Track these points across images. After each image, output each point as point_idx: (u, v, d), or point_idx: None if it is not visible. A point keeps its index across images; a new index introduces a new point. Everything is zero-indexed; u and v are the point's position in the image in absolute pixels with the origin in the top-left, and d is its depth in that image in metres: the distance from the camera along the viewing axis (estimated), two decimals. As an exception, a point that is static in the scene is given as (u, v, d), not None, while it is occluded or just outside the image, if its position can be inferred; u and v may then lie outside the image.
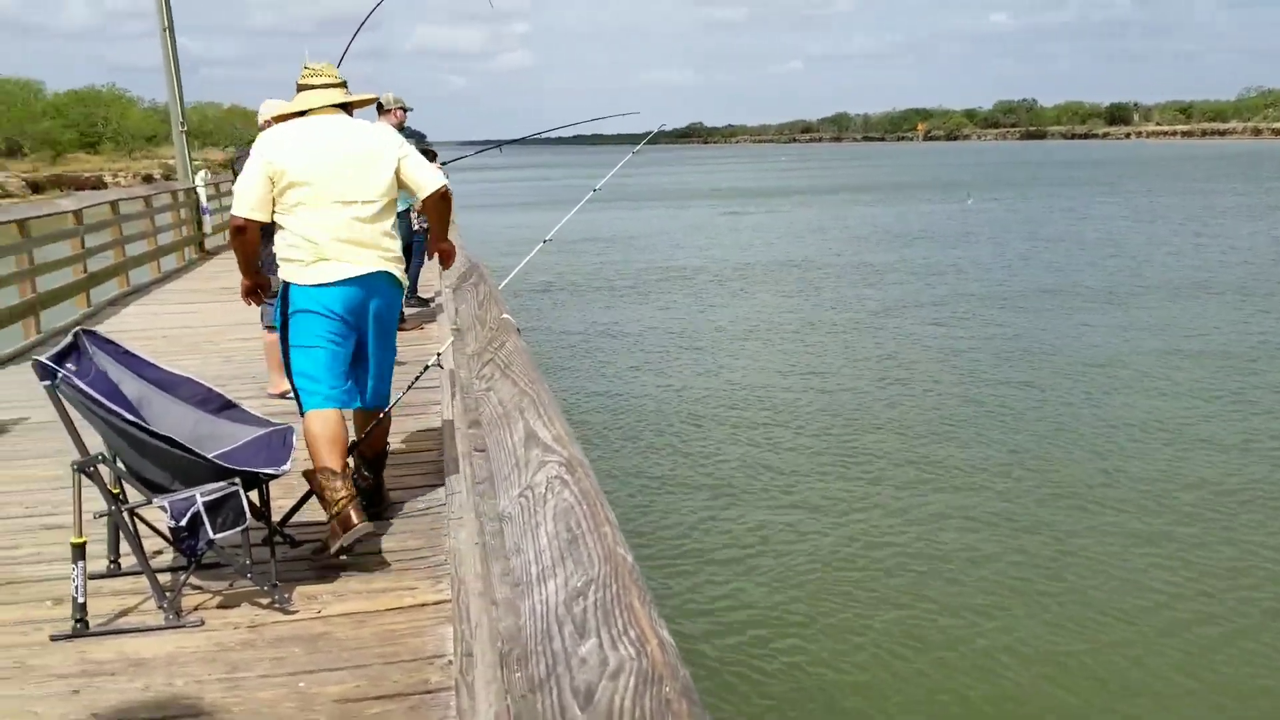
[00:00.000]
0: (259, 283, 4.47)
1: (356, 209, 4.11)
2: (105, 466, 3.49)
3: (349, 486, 3.90)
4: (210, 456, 3.54)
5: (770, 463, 8.21)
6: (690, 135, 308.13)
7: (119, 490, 3.66)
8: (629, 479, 7.85)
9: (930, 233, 26.16)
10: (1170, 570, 6.09)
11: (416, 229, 9.36)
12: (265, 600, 3.65)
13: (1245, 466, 7.82)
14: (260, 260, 4.51)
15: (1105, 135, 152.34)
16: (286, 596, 3.66)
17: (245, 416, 4.00)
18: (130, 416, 3.42)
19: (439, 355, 4.87)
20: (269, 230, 4.26)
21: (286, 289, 4.15)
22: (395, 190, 4.25)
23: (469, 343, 3.88)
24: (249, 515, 3.56)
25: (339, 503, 3.84)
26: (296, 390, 4.12)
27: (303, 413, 4.06)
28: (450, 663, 3.12)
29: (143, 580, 3.62)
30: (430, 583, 3.77)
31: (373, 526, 3.93)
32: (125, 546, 3.63)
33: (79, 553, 3.37)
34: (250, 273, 4.40)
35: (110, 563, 3.90)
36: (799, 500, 7.36)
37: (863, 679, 5.07)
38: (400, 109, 8.63)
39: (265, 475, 3.60)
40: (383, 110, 8.75)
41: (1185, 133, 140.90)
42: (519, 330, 3.56)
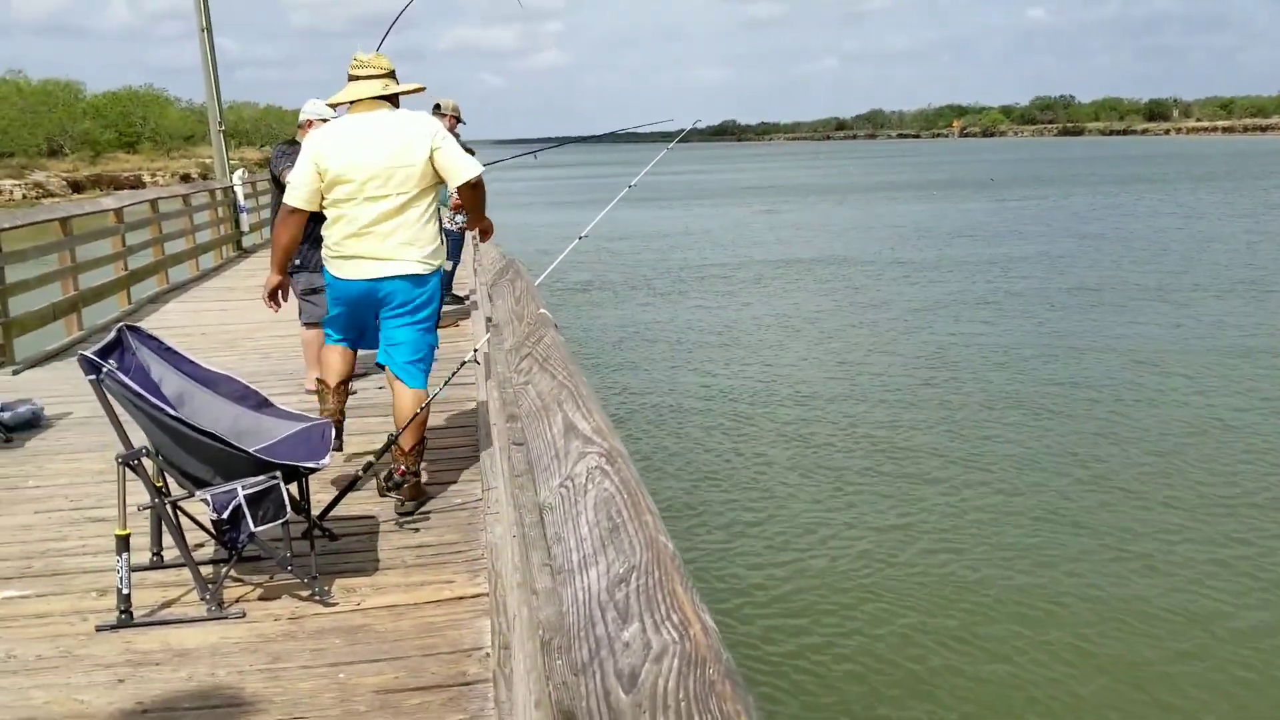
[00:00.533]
0: (283, 283, 4.73)
1: (389, 202, 4.34)
2: (149, 460, 3.54)
3: (333, 404, 4.68)
4: (251, 451, 3.58)
5: (816, 458, 8.18)
6: (724, 133, 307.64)
7: (162, 483, 3.72)
8: (675, 472, 7.86)
9: (972, 230, 25.92)
10: (1233, 576, 5.94)
11: (448, 226, 9.42)
12: (305, 592, 3.69)
13: None
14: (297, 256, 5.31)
15: (1144, 131, 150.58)
16: (326, 589, 3.70)
17: (284, 413, 4.06)
18: (172, 411, 3.46)
19: (475, 350, 4.91)
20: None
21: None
22: (430, 178, 4.42)
23: (506, 337, 3.91)
24: (289, 508, 3.61)
25: (322, 412, 4.68)
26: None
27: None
28: (488, 655, 3.15)
29: (185, 572, 3.67)
30: (468, 576, 3.80)
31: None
32: (169, 539, 3.68)
33: (123, 545, 3.42)
34: (281, 267, 4.68)
35: (154, 555, 3.95)
36: (844, 495, 7.33)
37: (904, 673, 5.05)
38: (455, 118, 8.91)
39: (305, 469, 3.64)
40: (438, 112, 8.98)
41: (1226, 129, 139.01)
42: (556, 325, 3.58)
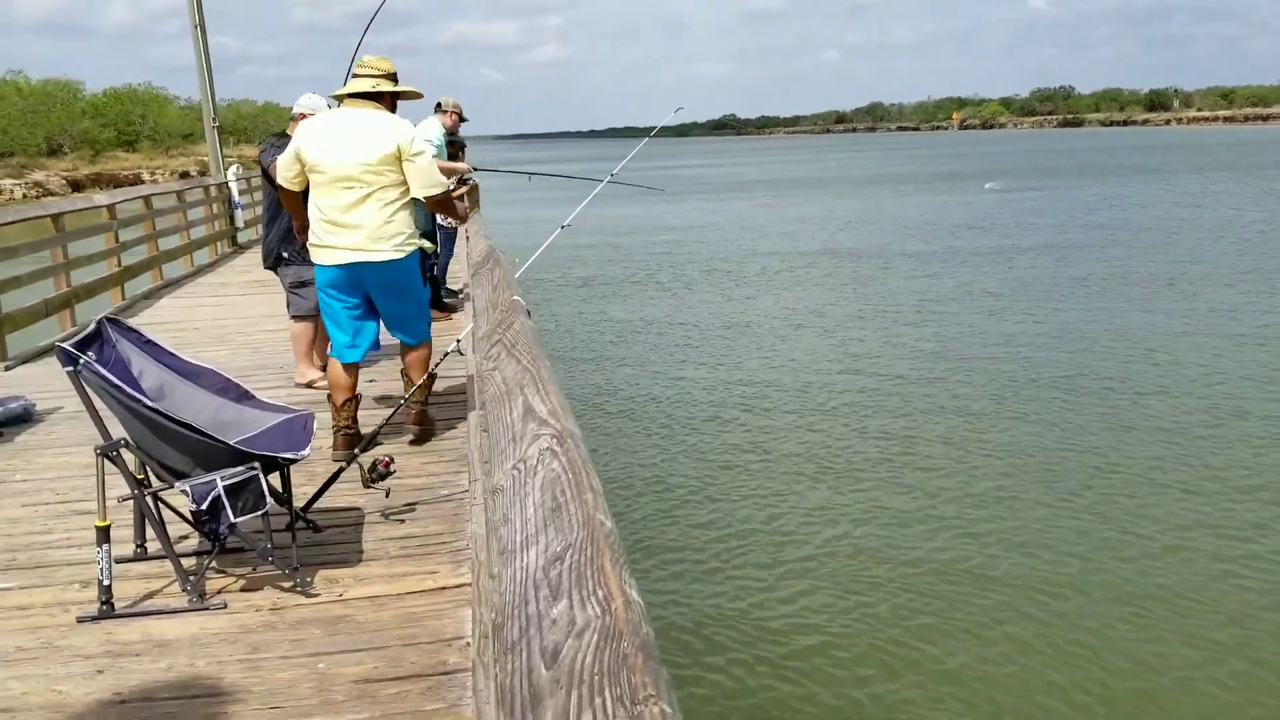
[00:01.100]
0: (304, 223, 5.22)
1: (354, 193, 4.77)
2: (129, 451, 3.54)
3: (343, 419, 5.06)
4: (232, 442, 3.58)
5: (823, 447, 8.16)
6: (724, 127, 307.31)
7: (143, 475, 3.72)
8: (678, 462, 7.85)
9: (976, 222, 25.83)
10: (1243, 563, 5.90)
11: (441, 222, 9.43)
12: (287, 584, 3.69)
13: None
14: (276, 240, 6.51)
15: (1144, 122, 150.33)
16: (308, 580, 3.70)
17: (265, 405, 4.06)
18: (150, 402, 3.46)
19: (458, 342, 4.93)
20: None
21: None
22: (393, 178, 4.81)
23: (481, 326, 3.91)
24: (270, 500, 3.61)
25: (334, 428, 5.09)
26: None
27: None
28: (468, 644, 3.15)
29: (168, 564, 3.67)
30: (451, 567, 3.80)
31: (344, 460, 4.59)
32: (152, 531, 3.68)
33: (103, 536, 3.43)
34: (301, 222, 5.26)
35: (137, 547, 3.96)
36: (852, 483, 7.30)
37: (901, 658, 5.04)
38: (456, 114, 9.14)
39: (284, 460, 3.64)
40: (439, 111, 9.10)
41: (1227, 118, 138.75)
42: (529, 312, 3.59)
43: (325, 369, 7.04)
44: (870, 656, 5.03)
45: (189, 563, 3.80)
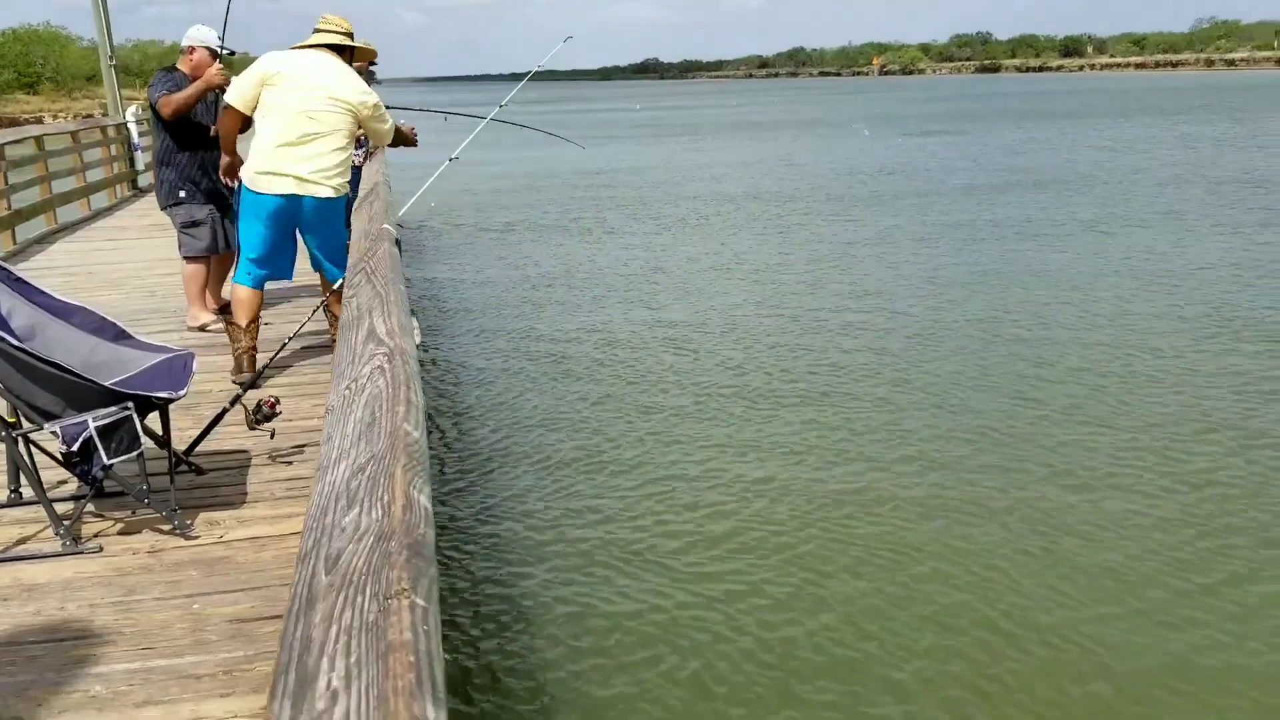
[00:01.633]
0: (235, 163, 5.58)
1: (313, 127, 5.08)
2: (-3, 394, 3.42)
3: (248, 340, 5.23)
4: (106, 383, 3.47)
5: (733, 385, 8.18)
6: (647, 71, 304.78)
7: (15, 419, 3.60)
8: (587, 406, 7.80)
9: (899, 166, 25.83)
10: (1160, 492, 6.00)
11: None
12: (167, 527, 3.62)
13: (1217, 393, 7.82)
14: (169, 179, 6.42)
15: (1059, 68, 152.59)
16: (189, 523, 3.63)
17: (143, 344, 3.94)
18: (16, 342, 3.34)
19: (340, 282, 4.86)
20: (177, 139, 6.33)
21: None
22: (352, 128, 5.24)
23: (352, 255, 3.84)
24: (148, 441, 3.52)
25: (235, 352, 5.25)
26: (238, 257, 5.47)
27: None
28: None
29: (43, 509, 3.57)
30: (338, 506, 3.75)
31: (248, 379, 4.80)
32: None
33: (-31, 481, 3.32)
34: (230, 150, 5.61)
35: (11, 492, 3.84)
36: (759, 421, 7.35)
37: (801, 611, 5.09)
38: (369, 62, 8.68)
39: (160, 399, 3.55)
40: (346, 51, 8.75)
41: (1139, 65, 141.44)
42: (397, 240, 3.53)
43: (219, 311, 6.89)
44: (775, 591, 5.08)
45: (65, 507, 3.70)
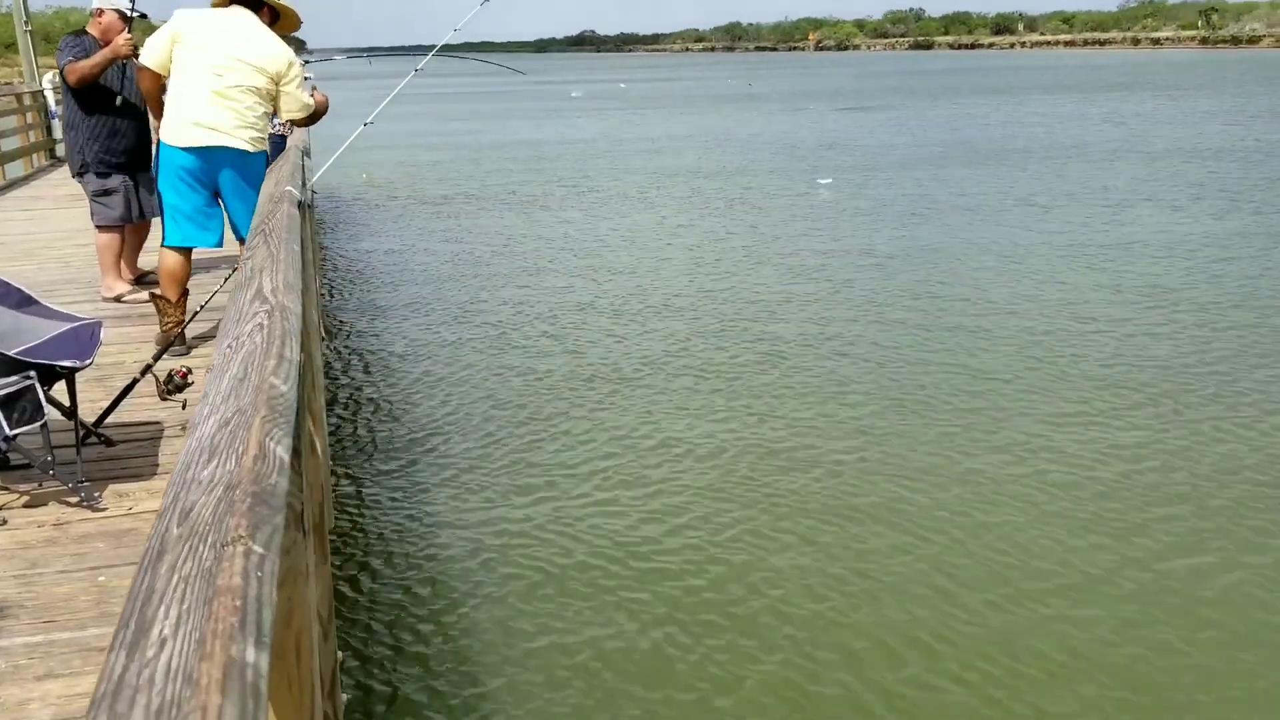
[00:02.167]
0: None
1: (228, 81, 5.01)
2: (-111, 363, 3.32)
3: (177, 315, 5.08)
4: (9, 352, 3.38)
5: (670, 357, 8.19)
6: (583, 43, 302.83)
7: (-88, 389, 3.49)
8: (518, 382, 7.76)
9: (838, 141, 25.90)
10: (1104, 455, 6.12)
11: (272, 130, 9.09)
12: (74, 499, 3.54)
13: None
14: (84, 146, 6.28)
15: (991, 45, 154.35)
16: (96, 495, 3.56)
17: (50, 311, 3.84)
18: (-90, 309, 3.24)
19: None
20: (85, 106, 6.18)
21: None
22: (264, 86, 5.11)
23: (254, 219, 3.79)
24: (54, 411, 3.44)
25: (164, 325, 5.12)
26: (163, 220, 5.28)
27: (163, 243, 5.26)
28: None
29: (-57, 482, 3.48)
30: (252, 477, 3.70)
31: (160, 351, 4.61)
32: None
33: None
34: (157, 114, 5.41)
35: (-89, 466, 3.73)
36: (681, 401, 7.38)
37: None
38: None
39: (64, 369, 3.46)
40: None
41: (1068, 42, 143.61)
42: (301, 202, 3.48)
43: (135, 281, 6.74)
44: (711, 560, 5.11)
45: (-34, 480, 3.60)
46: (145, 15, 6.42)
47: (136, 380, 4.07)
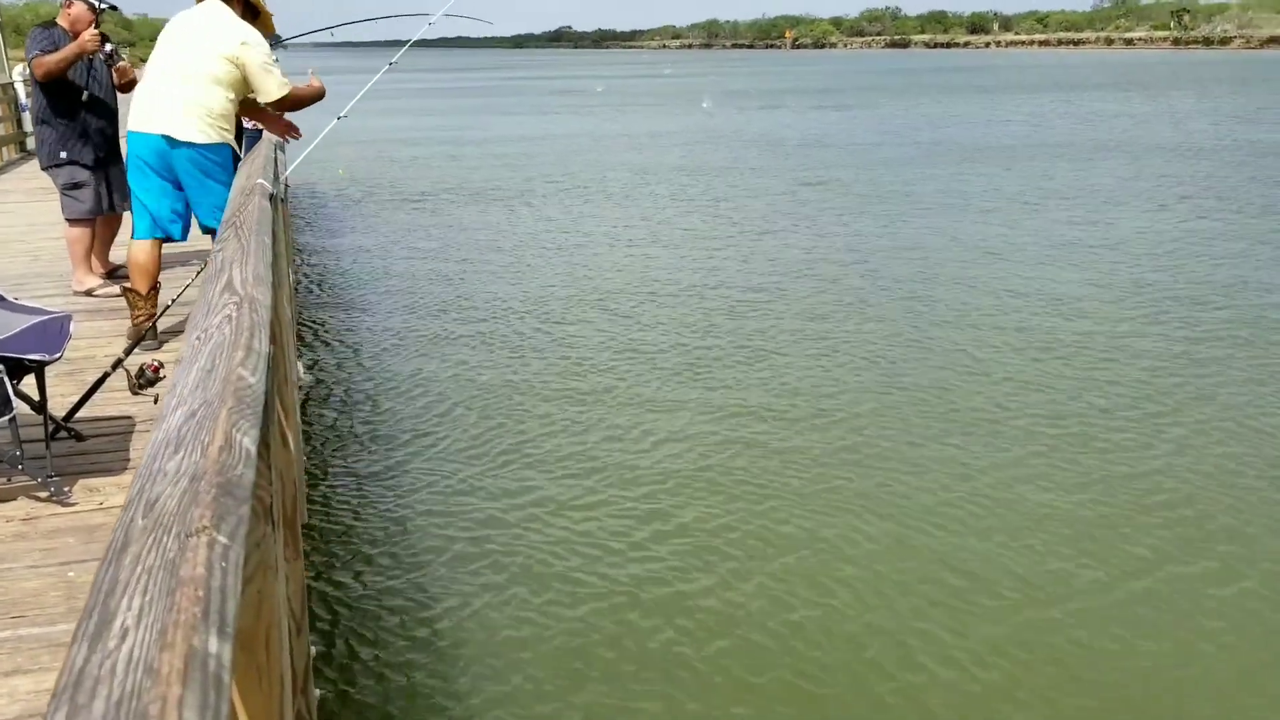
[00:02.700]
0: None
1: (183, 70, 5.06)
2: None
3: (147, 309, 5.07)
4: (-24, 346, 3.35)
5: (653, 350, 8.20)
6: (561, 39, 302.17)
7: (-123, 383, 3.45)
8: (503, 375, 7.74)
9: (821, 139, 25.86)
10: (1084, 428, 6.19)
11: (246, 125, 9.04)
12: (44, 493, 3.51)
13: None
14: (49, 140, 6.26)
15: (966, 44, 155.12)
16: (67, 489, 3.53)
17: (17, 306, 3.80)
18: (-125, 302, 3.20)
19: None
20: (53, 99, 6.14)
21: None
22: (227, 74, 5.08)
23: (226, 212, 3.77)
24: (24, 406, 3.41)
25: (136, 319, 5.10)
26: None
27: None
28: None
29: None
30: (224, 472, 3.68)
31: (130, 345, 4.57)
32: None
33: None
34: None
35: (-123, 461, 3.69)
36: (680, 384, 7.37)
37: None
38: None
39: (32, 362, 3.43)
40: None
41: (1042, 42, 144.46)
42: (273, 195, 3.46)
43: (107, 275, 6.68)
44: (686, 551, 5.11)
45: (-66, 475, 3.56)
46: (115, 7, 6.37)
47: (107, 374, 4.03)
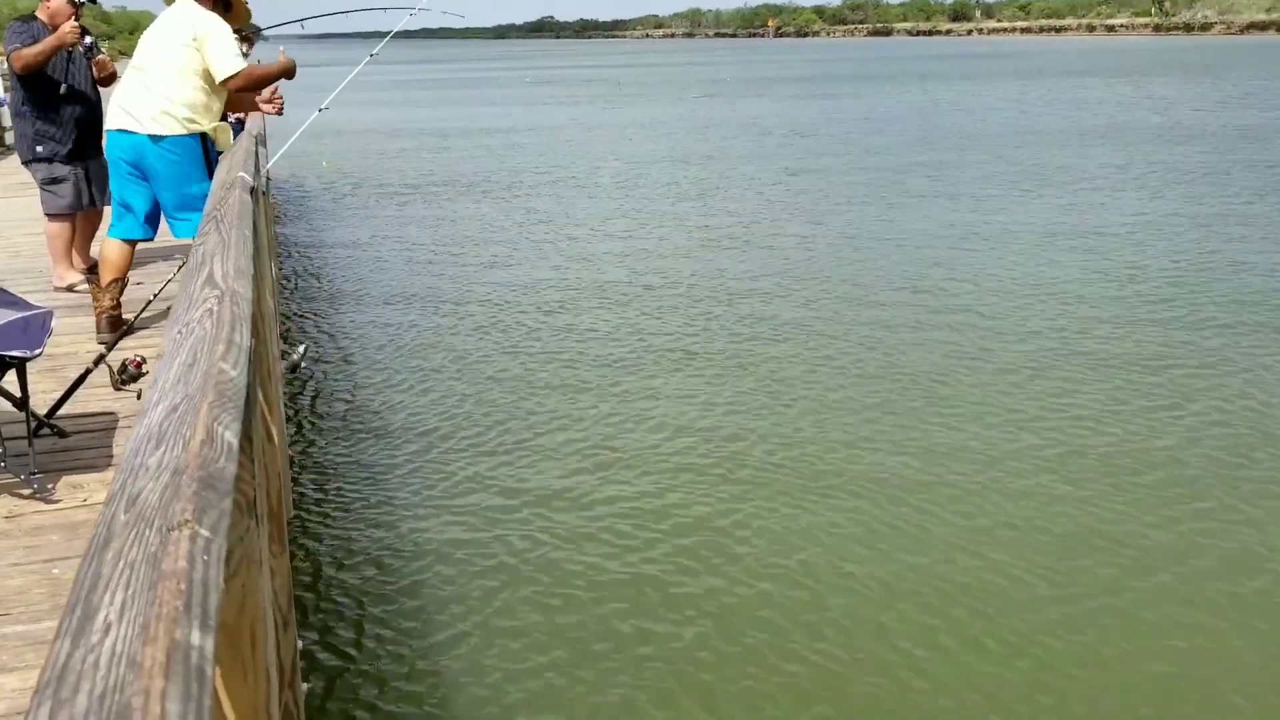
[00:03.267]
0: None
1: (145, 63, 5.17)
2: None
3: (106, 301, 5.19)
4: (-43, 343, 3.33)
5: (639, 344, 8.19)
6: (543, 29, 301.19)
7: None
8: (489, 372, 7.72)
9: (815, 128, 25.67)
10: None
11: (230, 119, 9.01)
12: (26, 491, 3.49)
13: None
14: (28, 134, 6.25)
15: (949, 32, 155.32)
16: (50, 486, 3.51)
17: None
18: None
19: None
20: (32, 93, 6.11)
21: None
22: (189, 62, 5.13)
23: (206, 205, 3.76)
24: (4, 402, 3.39)
25: (96, 311, 5.24)
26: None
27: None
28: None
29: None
30: (208, 467, 3.67)
31: (110, 340, 4.63)
32: None
33: None
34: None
35: None
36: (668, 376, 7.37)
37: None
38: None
39: (13, 359, 3.41)
40: None
41: (1024, 29, 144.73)
42: (253, 188, 3.46)
43: (88, 271, 6.64)
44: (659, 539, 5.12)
45: (-85, 473, 3.54)
46: (95, 1, 6.33)
47: (90, 370, 4.02)
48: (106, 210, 6.11)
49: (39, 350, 3.48)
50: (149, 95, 5.11)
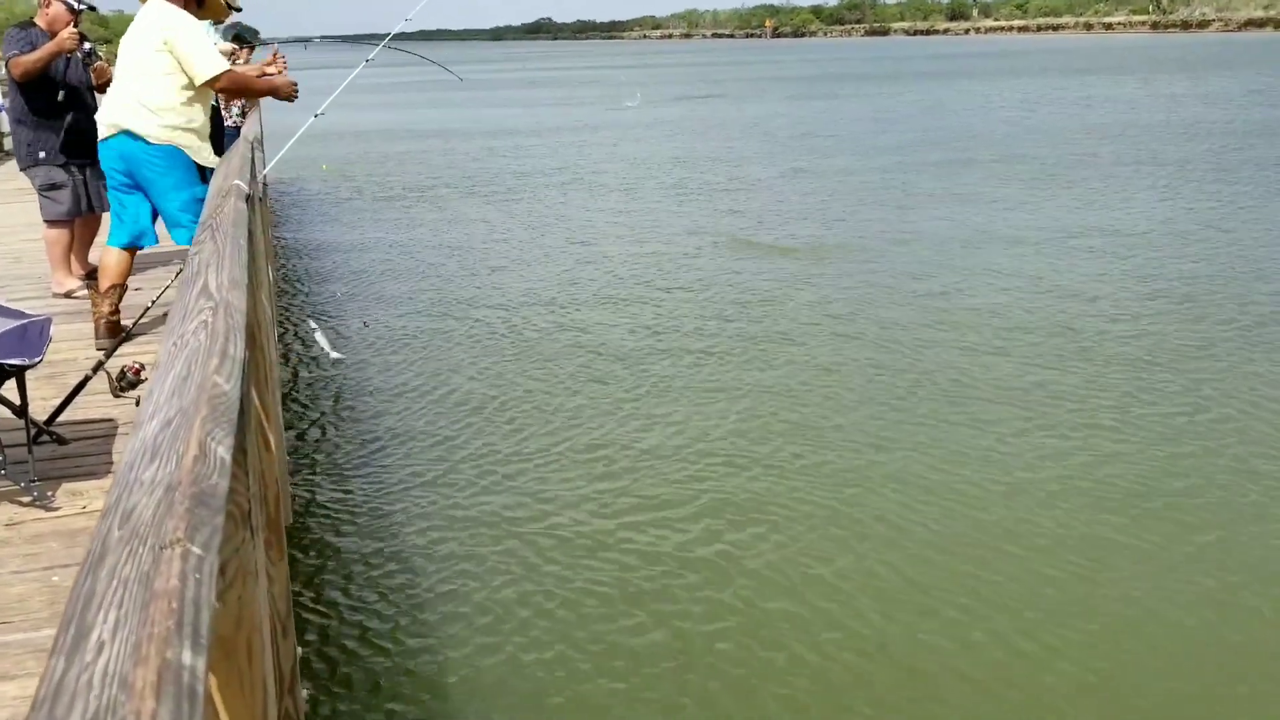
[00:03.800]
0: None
1: (128, 77, 5.17)
2: None
3: (105, 307, 5.17)
4: (-45, 351, 3.33)
5: (638, 349, 8.19)
6: (540, 31, 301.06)
7: None
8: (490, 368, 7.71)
9: (821, 129, 25.50)
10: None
11: (227, 121, 9.03)
12: (26, 498, 3.50)
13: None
14: (26, 140, 6.25)
15: (946, 31, 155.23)
16: (50, 494, 3.52)
17: (-2, 309, 3.78)
18: None
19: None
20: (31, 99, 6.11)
21: None
22: (160, 65, 5.08)
23: (202, 214, 3.77)
24: (4, 410, 3.39)
25: (94, 318, 5.22)
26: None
27: None
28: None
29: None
30: (208, 473, 3.67)
31: (110, 346, 4.57)
32: None
33: None
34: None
35: None
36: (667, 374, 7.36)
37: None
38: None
39: (12, 366, 3.41)
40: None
41: (1021, 28, 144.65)
42: (248, 196, 3.46)
43: (87, 277, 6.65)
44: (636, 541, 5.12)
45: (-85, 481, 3.55)
46: (94, 7, 6.33)
47: (89, 377, 4.02)
48: (105, 216, 6.12)
49: (38, 358, 3.49)
50: (126, 98, 5.14)
